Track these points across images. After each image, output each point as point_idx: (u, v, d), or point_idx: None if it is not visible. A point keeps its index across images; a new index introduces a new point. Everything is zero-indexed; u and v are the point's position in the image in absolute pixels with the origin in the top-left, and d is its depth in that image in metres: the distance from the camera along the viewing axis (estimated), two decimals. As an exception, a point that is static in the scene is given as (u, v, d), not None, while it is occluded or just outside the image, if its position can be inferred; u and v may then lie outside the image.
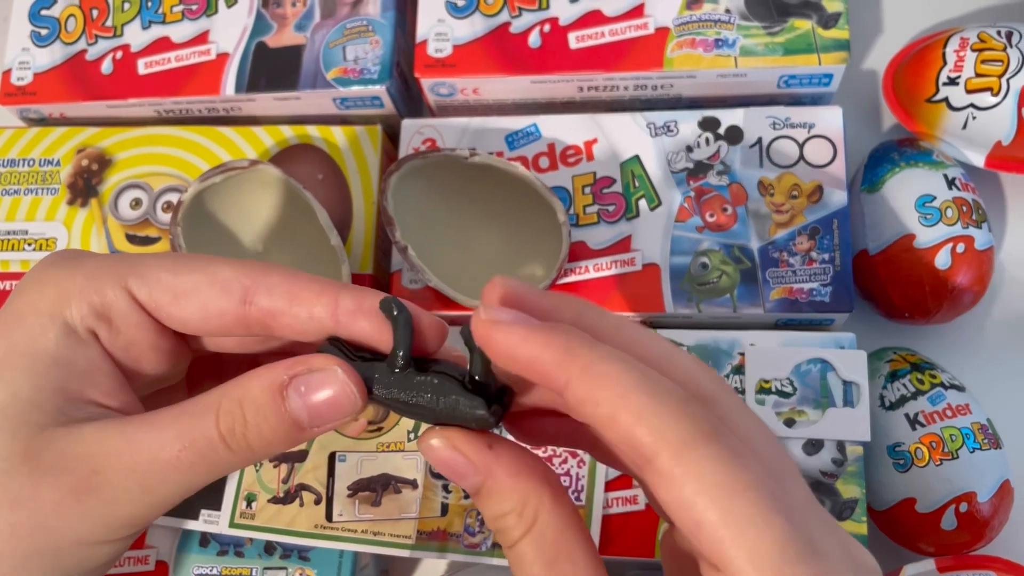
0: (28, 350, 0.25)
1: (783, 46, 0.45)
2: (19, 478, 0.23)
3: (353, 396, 0.24)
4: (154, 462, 0.24)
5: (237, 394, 0.24)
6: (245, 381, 0.25)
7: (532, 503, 0.23)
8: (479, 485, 0.24)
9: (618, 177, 0.45)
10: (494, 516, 0.24)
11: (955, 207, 0.43)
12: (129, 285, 0.25)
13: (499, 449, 0.24)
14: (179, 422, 0.24)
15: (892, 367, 0.43)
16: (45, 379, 0.24)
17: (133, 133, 0.49)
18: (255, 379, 0.24)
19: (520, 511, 0.23)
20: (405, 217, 0.43)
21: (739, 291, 0.42)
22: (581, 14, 0.46)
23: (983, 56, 0.44)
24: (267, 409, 0.24)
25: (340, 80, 0.47)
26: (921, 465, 0.40)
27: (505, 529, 0.24)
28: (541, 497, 0.23)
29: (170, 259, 0.26)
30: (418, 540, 0.38)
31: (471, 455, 0.23)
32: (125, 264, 0.26)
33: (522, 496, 0.23)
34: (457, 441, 0.24)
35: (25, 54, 0.51)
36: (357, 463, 0.39)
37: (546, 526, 0.23)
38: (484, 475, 0.23)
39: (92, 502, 0.24)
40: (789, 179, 0.44)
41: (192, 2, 0.50)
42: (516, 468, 0.23)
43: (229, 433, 0.24)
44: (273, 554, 0.41)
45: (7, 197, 0.49)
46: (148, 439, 0.24)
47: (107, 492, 0.24)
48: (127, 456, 0.24)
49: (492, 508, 0.24)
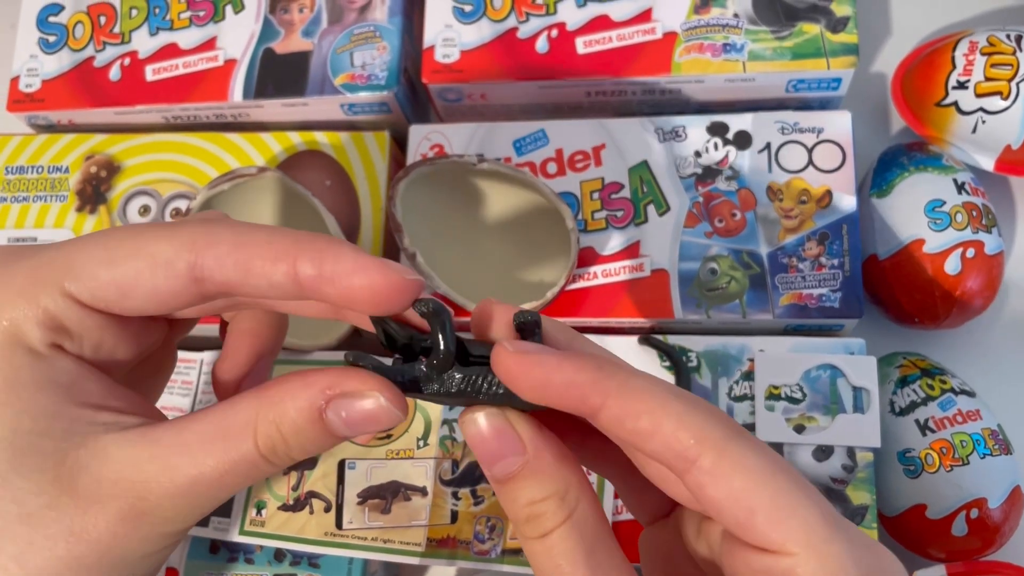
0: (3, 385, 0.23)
1: (791, 50, 0.45)
2: (67, 511, 0.23)
3: (393, 413, 0.24)
4: (198, 485, 0.24)
5: (273, 417, 0.24)
6: (280, 402, 0.24)
7: (575, 489, 0.23)
8: (521, 466, 0.23)
9: (626, 182, 0.45)
10: (532, 500, 0.23)
11: (965, 212, 0.42)
12: (69, 290, 0.23)
13: (546, 431, 0.24)
14: (216, 446, 0.24)
15: (902, 372, 0.43)
16: (37, 406, 0.23)
17: (141, 140, 0.49)
18: (290, 400, 0.24)
19: (563, 495, 0.23)
20: (413, 223, 0.43)
21: (748, 297, 0.42)
22: (589, 19, 0.46)
23: (992, 60, 0.43)
24: (307, 430, 0.24)
25: (348, 86, 0.47)
26: (931, 471, 0.40)
27: (542, 515, 0.23)
28: (583, 483, 0.23)
29: (102, 247, 0.24)
30: (428, 547, 0.38)
31: (523, 431, 0.23)
32: (58, 264, 0.24)
33: (566, 480, 0.23)
34: (510, 415, 0.23)
35: (33, 61, 0.51)
36: (367, 470, 0.39)
37: (588, 512, 0.23)
38: (532, 455, 0.23)
39: (146, 527, 0.24)
40: (798, 184, 0.43)
41: (199, 8, 0.50)
42: (562, 452, 0.23)
43: (271, 453, 0.24)
44: (283, 561, 0.41)
45: (16, 204, 0.49)
46: (186, 464, 0.23)
47: (157, 515, 0.24)
48: (168, 482, 0.23)
49: (531, 491, 0.23)
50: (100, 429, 0.24)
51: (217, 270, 0.23)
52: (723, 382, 0.42)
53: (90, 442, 0.23)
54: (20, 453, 0.23)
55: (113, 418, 0.24)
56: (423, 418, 0.40)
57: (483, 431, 0.23)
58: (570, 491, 0.23)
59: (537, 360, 0.22)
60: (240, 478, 0.24)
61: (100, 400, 0.24)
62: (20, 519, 0.23)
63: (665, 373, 0.42)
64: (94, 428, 0.24)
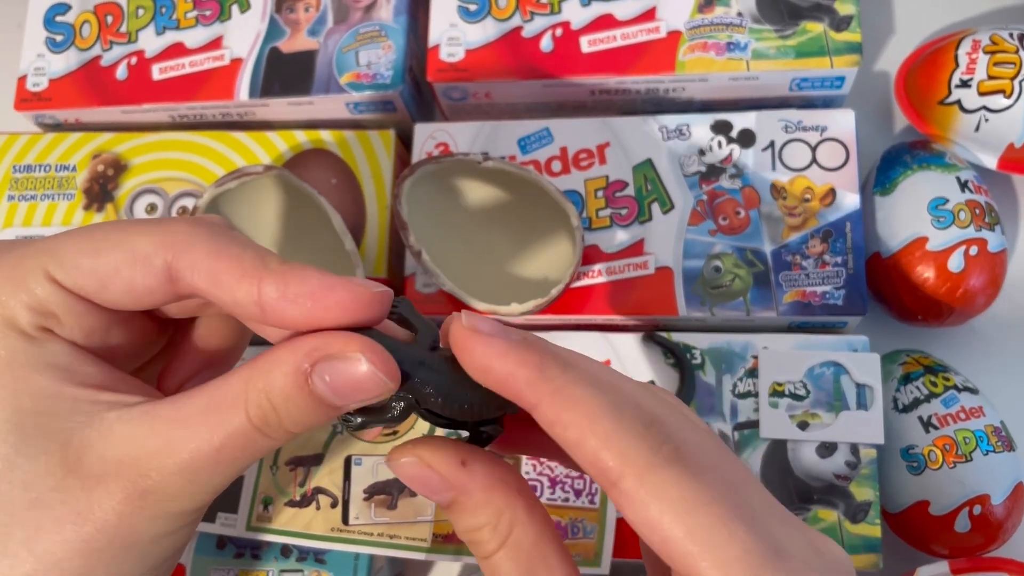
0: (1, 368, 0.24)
1: (795, 49, 0.45)
2: (73, 491, 0.23)
3: (378, 378, 0.23)
4: (197, 460, 0.23)
5: (261, 385, 0.23)
6: (268, 369, 0.23)
7: (507, 516, 0.23)
8: (452, 501, 0.23)
9: (631, 181, 0.45)
10: (467, 529, 0.24)
11: (968, 210, 0.43)
12: (53, 274, 0.24)
13: (472, 464, 0.23)
14: (210, 419, 0.23)
15: (905, 370, 0.43)
16: (36, 386, 0.23)
17: (148, 138, 0.49)
18: (277, 366, 0.23)
19: (495, 524, 0.23)
20: (418, 221, 0.43)
21: (752, 294, 0.43)
22: (593, 18, 0.47)
23: (995, 58, 0.44)
24: (296, 397, 0.23)
25: (353, 85, 0.48)
26: (935, 468, 0.41)
27: (479, 542, 0.23)
28: (515, 509, 0.23)
29: (88, 238, 0.24)
30: (433, 543, 0.38)
31: (443, 471, 0.23)
32: (43, 252, 0.24)
33: (496, 509, 0.23)
34: (428, 457, 0.23)
35: (40, 60, 0.51)
36: (373, 467, 0.40)
37: (522, 536, 0.23)
38: (457, 491, 0.23)
39: (152, 504, 0.23)
40: (802, 182, 0.44)
41: (206, 8, 0.50)
42: (489, 482, 0.23)
43: (263, 424, 0.23)
44: (289, 557, 0.41)
45: (24, 203, 0.49)
46: (184, 438, 0.23)
47: (161, 492, 0.23)
48: (168, 458, 0.23)
49: (465, 522, 0.23)
50: (103, 407, 0.24)
51: (189, 274, 0.24)
52: (727, 379, 0.42)
53: (96, 421, 0.23)
54: (27, 435, 0.23)
55: (115, 397, 0.24)
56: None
57: (408, 472, 0.23)
58: (502, 518, 0.23)
59: (483, 341, 0.22)
60: (237, 452, 0.23)
61: (99, 381, 0.24)
62: (29, 504, 0.23)
63: (669, 370, 0.42)
64: (97, 407, 0.24)
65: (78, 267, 0.24)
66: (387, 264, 0.46)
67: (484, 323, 0.22)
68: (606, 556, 0.39)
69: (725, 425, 0.41)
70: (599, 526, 0.39)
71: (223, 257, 0.23)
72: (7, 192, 0.49)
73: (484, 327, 0.22)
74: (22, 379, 0.23)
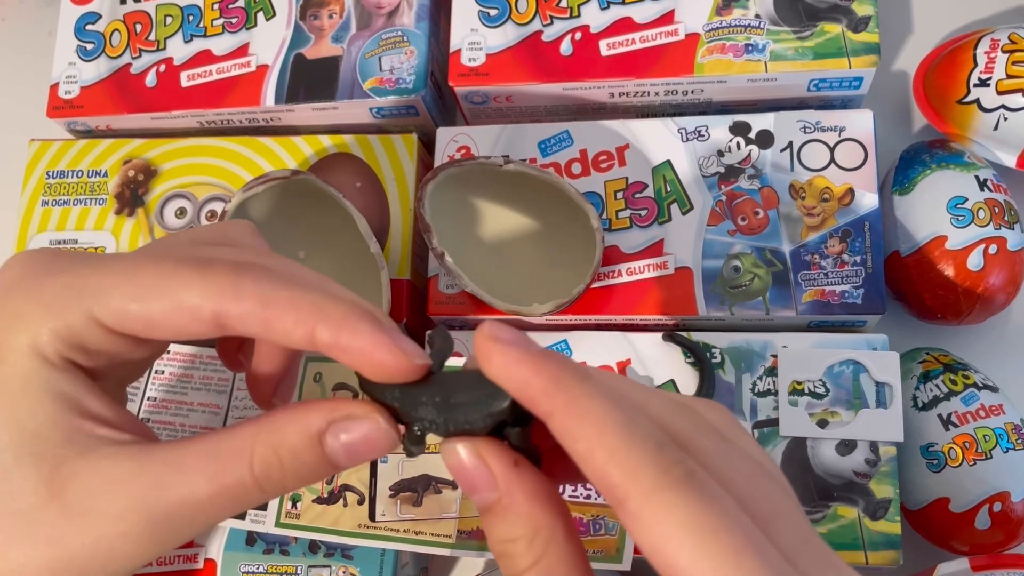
0: (16, 387, 0.25)
1: (813, 50, 0.45)
2: (50, 515, 0.24)
3: (392, 438, 0.24)
4: (185, 506, 0.24)
5: (272, 440, 0.24)
6: (280, 427, 0.24)
7: (544, 534, 0.23)
8: (493, 502, 0.23)
9: (650, 182, 0.45)
10: (501, 539, 0.23)
11: (987, 208, 0.43)
12: (95, 314, 0.24)
13: (523, 470, 0.23)
14: (210, 466, 0.24)
15: (925, 368, 0.43)
16: (43, 412, 0.24)
17: (177, 144, 0.50)
18: (291, 425, 0.24)
19: (531, 539, 0.23)
20: (441, 223, 0.44)
21: (771, 294, 0.43)
22: (612, 21, 0.47)
23: (1014, 57, 0.44)
24: (305, 455, 0.24)
25: (376, 90, 0.48)
26: (954, 465, 0.41)
27: (511, 555, 0.23)
28: (554, 529, 0.23)
29: (132, 282, 0.25)
30: (458, 539, 0.39)
31: (496, 467, 0.23)
32: (87, 291, 0.25)
33: (536, 524, 0.23)
34: (484, 450, 0.23)
35: (72, 68, 0.53)
36: (398, 464, 0.41)
37: (555, 561, 0.23)
38: (503, 492, 0.23)
39: (123, 547, 0.24)
40: (820, 182, 0.44)
41: (232, 15, 0.51)
42: (536, 493, 0.23)
43: (264, 478, 0.24)
44: (317, 553, 0.42)
45: (57, 207, 0.50)
46: (177, 483, 0.24)
47: (136, 536, 0.24)
48: (156, 501, 0.24)
49: (501, 530, 0.23)
50: (96, 442, 0.25)
51: (239, 323, 0.24)
52: (746, 378, 0.42)
53: (87, 453, 0.24)
54: (24, 451, 0.24)
55: (110, 433, 0.25)
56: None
57: (460, 461, 0.23)
58: (539, 535, 0.23)
59: (502, 350, 0.22)
60: (229, 502, 0.24)
61: (99, 415, 0.25)
62: (12, 513, 0.24)
63: (689, 369, 0.43)
64: (91, 440, 0.25)
65: (125, 311, 0.24)
66: (411, 266, 0.47)
67: (504, 332, 0.22)
68: (628, 552, 0.39)
69: (745, 423, 0.42)
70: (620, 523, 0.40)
71: (274, 305, 0.24)
72: (41, 197, 0.51)
73: (504, 335, 0.22)
74: (34, 401, 0.24)
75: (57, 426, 0.24)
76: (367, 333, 0.24)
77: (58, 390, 0.25)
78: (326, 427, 0.24)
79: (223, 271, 0.25)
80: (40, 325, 0.24)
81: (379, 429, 0.24)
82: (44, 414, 0.24)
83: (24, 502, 0.24)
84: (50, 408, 0.24)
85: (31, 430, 0.24)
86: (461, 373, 0.24)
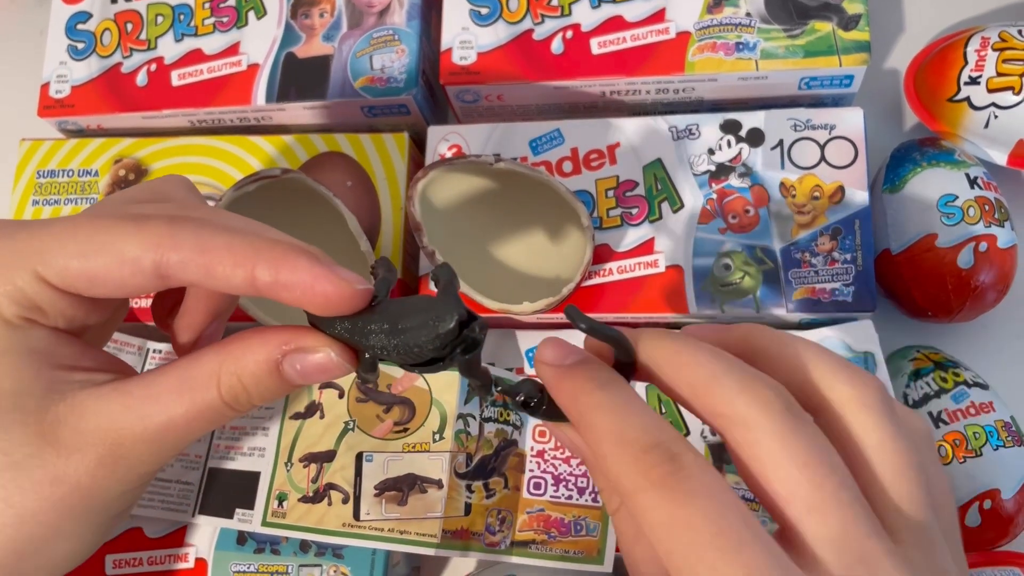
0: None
1: (803, 48, 0.45)
2: (50, 459, 0.26)
3: (344, 367, 0.26)
4: (167, 430, 0.26)
5: (235, 370, 0.26)
6: (240, 355, 0.26)
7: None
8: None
9: (641, 180, 0.45)
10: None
11: (977, 206, 0.43)
12: (41, 273, 0.25)
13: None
14: (183, 395, 0.26)
15: (915, 366, 0.43)
16: (16, 370, 0.26)
17: (168, 143, 0.50)
18: (249, 354, 0.26)
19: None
20: (432, 222, 0.44)
21: (762, 292, 0.43)
22: (603, 20, 0.47)
23: (1004, 55, 0.44)
24: (266, 380, 0.27)
25: (367, 89, 0.48)
26: (945, 463, 0.41)
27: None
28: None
29: (73, 239, 0.25)
30: (442, 539, 0.39)
31: None
32: (30, 251, 0.26)
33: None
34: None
35: (63, 67, 0.52)
36: (384, 463, 0.40)
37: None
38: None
39: (123, 469, 0.27)
40: (811, 180, 0.44)
41: (223, 15, 0.51)
42: None
43: (233, 400, 0.27)
44: (308, 552, 0.42)
45: (48, 207, 0.50)
46: (157, 412, 0.26)
47: (131, 458, 0.26)
48: (141, 429, 0.26)
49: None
50: (76, 386, 0.26)
51: (180, 271, 0.25)
52: (737, 376, 0.42)
53: (68, 398, 0.26)
54: (4, 410, 0.26)
55: (87, 376, 0.27)
56: (439, 413, 0.41)
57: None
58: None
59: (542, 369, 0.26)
60: (206, 423, 0.27)
61: (74, 362, 0.27)
62: (8, 466, 0.26)
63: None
64: (71, 386, 0.26)
65: (67, 268, 0.25)
66: (401, 264, 0.47)
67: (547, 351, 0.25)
68: (609, 553, 0.39)
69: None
70: (601, 524, 0.40)
71: (212, 250, 0.25)
72: (32, 197, 0.51)
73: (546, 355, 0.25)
74: (4, 364, 0.26)
75: (36, 380, 0.26)
76: (306, 268, 0.25)
77: (27, 347, 0.26)
78: (282, 357, 0.26)
79: (160, 222, 0.26)
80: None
81: (331, 360, 0.26)
82: (19, 372, 0.26)
83: (18, 454, 0.26)
84: (22, 365, 0.26)
85: (8, 389, 0.26)
86: (407, 298, 0.25)
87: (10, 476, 0.26)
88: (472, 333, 0.24)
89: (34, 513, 0.26)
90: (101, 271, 0.25)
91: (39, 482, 0.26)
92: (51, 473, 0.26)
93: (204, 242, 0.25)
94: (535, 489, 0.41)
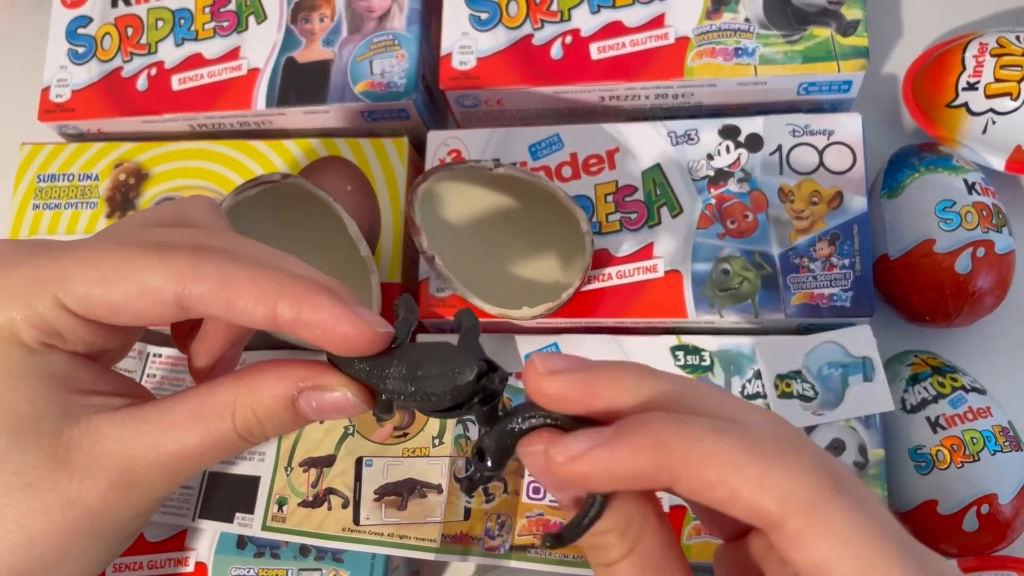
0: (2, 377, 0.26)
1: (802, 54, 0.45)
2: (62, 482, 0.26)
3: (360, 407, 0.26)
4: (180, 459, 0.26)
5: (250, 403, 0.26)
6: (257, 389, 0.26)
7: (637, 522, 0.22)
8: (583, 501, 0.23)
9: (640, 185, 0.45)
10: (594, 531, 0.23)
11: (975, 211, 0.43)
12: (62, 300, 0.26)
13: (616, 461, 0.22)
14: (197, 425, 0.26)
15: (913, 370, 0.43)
16: (33, 393, 0.26)
17: (168, 147, 0.50)
18: (266, 389, 0.26)
19: (624, 529, 0.22)
20: (432, 227, 0.44)
21: (760, 297, 0.43)
22: (602, 25, 0.47)
23: (1002, 61, 0.44)
24: (280, 414, 0.27)
25: (367, 94, 0.49)
26: (943, 467, 0.41)
27: (603, 547, 0.23)
28: (647, 517, 0.23)
29: (95, 267, 0.26)
30: (442, 544, 0.39)
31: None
32: (51, 277, 0.26)
33: (627, 515, 0.22)
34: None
35: (63, 72, 0.53)
36: (383, 468, 0.41)
37: (650, 547, 0.22)
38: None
39: (134, 495, 0.27)
40: (809, 185, 0.44)
41: (223, 19, 0.51)
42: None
43: (247, 432, 0.27)
44: (308, 556, 0.42)
45: (48, 211, 0.50)
46: (171, 440, 0.26)
47: (143, 484, 0.26)
48: (154, 456, 0.26)
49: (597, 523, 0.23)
50: (91, 410, 0.27)
51: (201, 304, 0.25)
52: (736, 381, 0.42)
53: (83, 422, 0.26)
54: (19, 433, 0.26)
55: (103, 400, 0.27)
56: (441, 417, 0.41)
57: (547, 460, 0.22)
58: (632, 525, 0.22)
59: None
60: (219, 453, 0.27)
61: (91, 386, 0.27)
62: (20, 488, 0.26)
63: (680, 372, 0.43)
64: (86, 410, 0.26)
65: (88, 296, 0.25)
66: (401, 269, 0.47)
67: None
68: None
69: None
70: None
71: (235, 284, 0.25)
72: (32, 201, 0.51)
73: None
74: (21, 388, 0.26)
75: (52, 403, 0.26)
76: (327, 307, 0.25)
77: (45, 371, 0.26)
78: (298, 393, 0.26)
79: (184, 253, 0.25)
80: (12, 315, 0.26)
81: (347, 400, 0.26)
82: (36, 396, 0.26)
83: (31, 476, 0.26)
84: (40, 389, 0.26)
85: (25, 412, 0.26)
86: (428, 344, 0.25)
87: (22, 497, 0.26)
88: (491, 384, 0.24)
89: (45, 535, 0.26)
90: (122, 300, 0.25)
91: (51, 504, 0.26)
92: (63, 496, 0.26)
93: (227, 275, 0.25)
94: (534, 494, 0.41)
